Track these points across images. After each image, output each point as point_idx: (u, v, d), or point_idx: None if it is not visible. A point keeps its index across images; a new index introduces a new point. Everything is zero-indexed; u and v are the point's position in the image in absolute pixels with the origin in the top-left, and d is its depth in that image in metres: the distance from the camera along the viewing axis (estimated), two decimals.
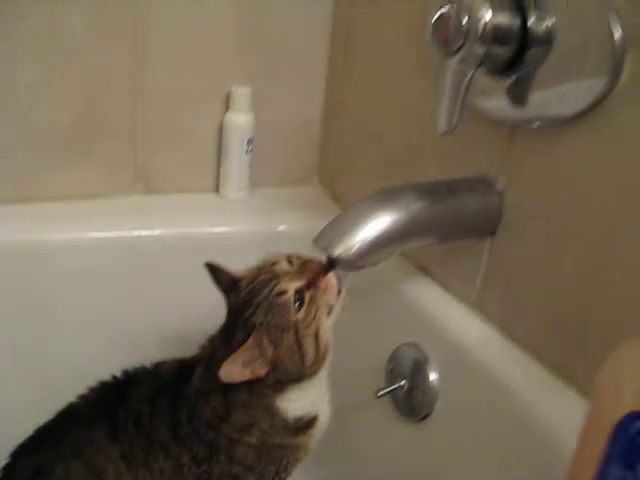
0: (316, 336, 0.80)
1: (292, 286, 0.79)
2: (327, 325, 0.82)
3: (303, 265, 0.82)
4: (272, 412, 0.84)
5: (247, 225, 1.19)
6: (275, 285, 0.80)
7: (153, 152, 1.20)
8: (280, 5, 1.18)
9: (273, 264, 0.83)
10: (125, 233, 1.14)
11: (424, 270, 1.03)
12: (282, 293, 0.79)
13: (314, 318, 0.80)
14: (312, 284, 0.80)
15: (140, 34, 1.11)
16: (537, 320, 0.86)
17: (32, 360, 1.11)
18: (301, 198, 1.28)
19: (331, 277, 0.81)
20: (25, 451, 0.90)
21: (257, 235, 1.17)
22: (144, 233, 1.15)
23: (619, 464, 0.47)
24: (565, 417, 0.79)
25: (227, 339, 0.82)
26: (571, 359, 0.82)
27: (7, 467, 0.90)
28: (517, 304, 0.89)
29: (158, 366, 0.92)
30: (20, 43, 1.04)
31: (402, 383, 0.99)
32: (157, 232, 1.15)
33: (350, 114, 1.21)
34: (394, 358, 1.01)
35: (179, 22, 1.13)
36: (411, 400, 0.98)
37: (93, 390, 0.92)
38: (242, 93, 1.17)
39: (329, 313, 0.82)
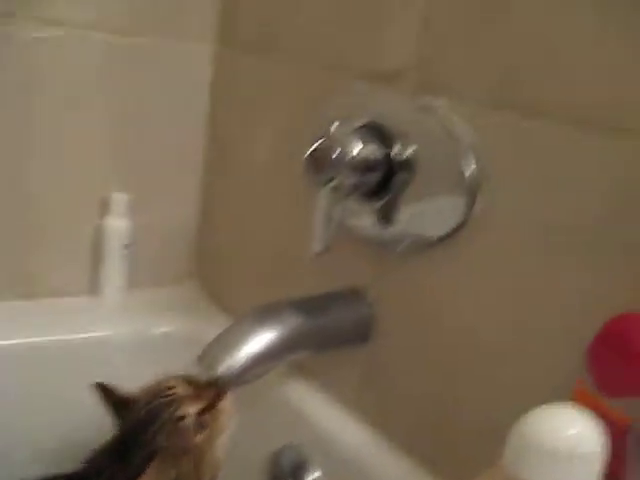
0: (214, 458, 0.83)
1: (192, 410, 0.81)
2: (223, 444, 0.84)
3: (200, 388, 0.84)
4: None
5: (126, 328, 1.20)
6: (176, 409, 0.81)
7: (28, 256, 1.19)
8: (156, 113, 1.22)
9: (171, 387, 0.84)
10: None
11: (303, 373, 1.08)
12: (183, 417, 0.80)
13: (215, 438, 0.82)
14: (211, 407, 0.82)
15: (22, 138, 1.13)
16: (410, 419, 0.92)
17: None
18: (180, 298, 1.30)
19: (228, 400, 0.83)
20: None
21: (137, 338, 1.18)
22: (18, 342, 1.12)
23: None
24: None
25: (120, 458, 0.81)
26: (443, 456, 0.88)
27: None
28: (391, 404, 0.95)
29: None
30: None
31: None
32: (33, 340, 1.13)
33: (225, 221, 1.26)
34: (275, 460, 1.04)
35: (58, 128, 1.15)
36: None
37: None
38: (120, 199, 1.20)
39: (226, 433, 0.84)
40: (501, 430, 0.54)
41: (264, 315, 0.88)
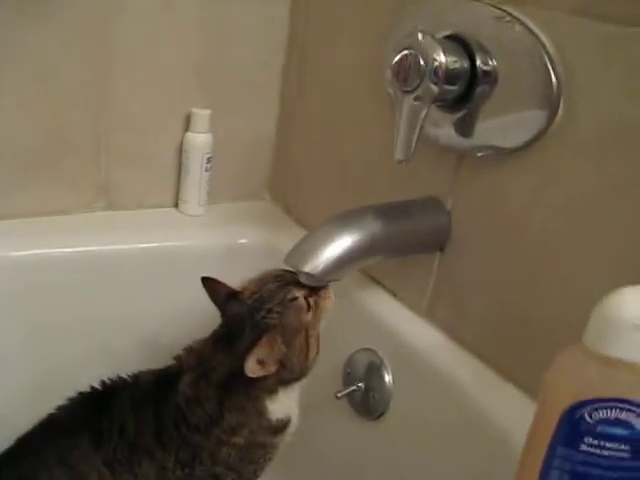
0: (317, 338, 0.91)
1: (301, 293, 0.89)
2: (321, 328, 0.92)
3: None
4: (261, 413, 0.91)
5: (209, 239, 1.26)
6: (288, 292, 0.89)
7: (115, 169, 1.25)
8: (236, 31, 1.25)
9: (277, 275, 0.92)
10: (89, 248, 1.18)
11: (376, 281, 1.12)
12: (295, 299, 0.89)
13: (319, 321, 0.91)
14: (314, 292, 0.90)
15: (105, 58, 1.16)
16: (482, 325, 0.97)
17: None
18: (257, 212, 1.35)
19: (329, 287, 0.92)
20: (8, 460, 0.94)
21: (219, 248, 1.24)
22: (107, 248, 1.19)
23: (565, 444, 0.57)
24: (508, 411, 0.89)
25: (228, 345, 0.89)
26: (513, 359, 0.93)
27: None
28: (464, 312, 0.99)
29: (136, 378, 0.97)
30: None
31: (359, 385, 1.08)
32: (120, 247, 1.20)
33: (303, 133, 1.30)
34: (350, 362, 1.10)
35: (143, 48, 1.19)
36: (367, 400, 1.07)
37: (72, 401, 0.96)
38: (201, 114, 1.24)
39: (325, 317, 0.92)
40: (576, 332, 0.58)
41: (347, 219, 0.93)
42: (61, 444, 0.91)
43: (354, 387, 1.08)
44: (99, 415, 0.92)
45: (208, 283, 0.93)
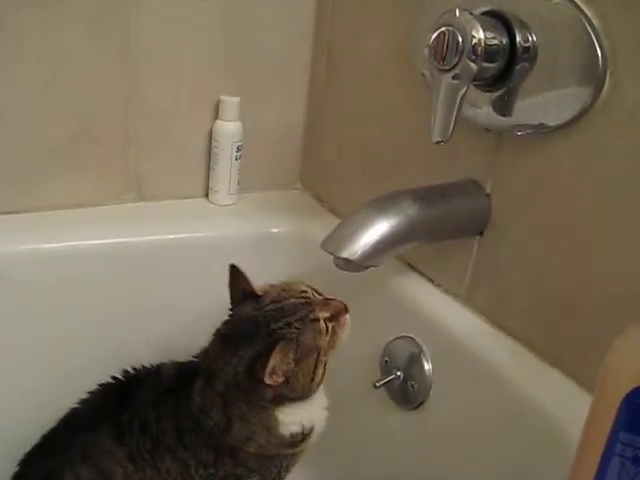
0: (325, 364, 0.88)
1: (322, 315, 0.87)
2: (333, 355, 0.90)
3: (328, 301, 0.90)
4: (269, 426, 0.88)
5: (240, 228, 1.24)
6: (312, 311, 0.87)
7: (144, 161, 1.23)
8: (263, 19, 1.23)
9: (302, 291, 0.90)
10: (119, 240, 1.17)
11: (413, 268, 1.10)
12: (317, 320, 0.87)
13: (332, 348, 0.88)
14: (334, 318, 0.88)
15: (131, 48, 1.15)
16: (525, 311, 0.94)
17: (28, 365, 1.12)
18: (288, 201, 1.33)
19: (348, 317, 0.90)
20: (34, 458, 0.94)
21: (250, 238, 1.23)
22: (138, 240, 1.18)
23: (627, 430, 0.55)
24: (554, 398, 0.87)
25: (233, 346, 0.87)
26: (558, 345, 0.90)
27: (17, 475, 0.94)
28: (505, 297, 0.96)
29: (159, 368, 0.96)
30: (16, 59, 1.07)
31: (398, 374, 1.06)
32: (151, 238, 1.19)
33: (333, 120, 1.27)
34: (388, 351, 1.08)
35: (169, 36, 1.17)
36: (406, 390, 1.05)
37: (94, 394, 0.96)
38: (231, 102, 1.22)
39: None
40: (627, 312, 0.56)
41: (384, 203, 0.90)
42: (84, 440, 0.91)
43: (392, 376, 1.06)
44: (121, 407, 0.92)
45: (233, 273, 0.91)
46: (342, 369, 1.12)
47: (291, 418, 0.90)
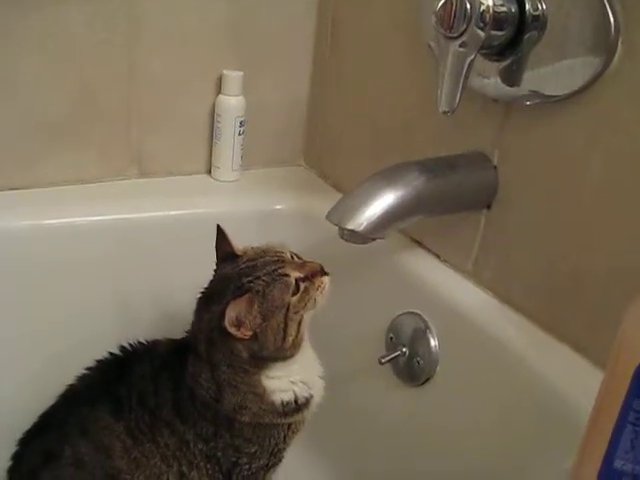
0: (299, 324, 0.86)
1: (294, 274, 0.85)
2: (307, 318, 0.88)
3: (304, 262, 0.89)
4: (257, 393, 0.87)
5: (243, 205, 1.23)
6: (280, 267, 0.86)
7: (146, 136, 1.22)
8: None
9: (278, 252, 0.89)
10: (120, 216, 1.15)
11: (418, 243, 1.09)
12: (285, 275, 0.85)
13: (303, 307, 0.86)
14: (309, 279, 0.86)
15: (134, 22, 1.13)
16: (532, 284, 0.93)
17: (30, 342, 1.11)
18: (292, 178, 1.32)
19: (327, 280, 0.87)
20: (32, 437, 0.93)
21: (253, 215, 1.21)
22: (139, 216, 1.16)
23: None
24: (563, 373, 0.86)
25: (209, 304, 0.87)
26: (566, 319, 0.89)
27: (16, 455, 0.93)
28: (513, 271, 0.95)
29: (155, 343, 0.96)
30: (19, 35, 1.06)
31: (403, 350, 1.04)
32: (152, 215, 1.17)
33: (337, 95, 1.26)
34: (394, 327, 1.07)
35: (171, 10, 1.15)
36: (412, 366, 1.04)
37: (91, 369, 0.95)
38: (234, 76, 1.20)
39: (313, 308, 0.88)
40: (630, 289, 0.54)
41: (391, 175, 0.89)
42: (82, 415, 0.90)
43: (398, 352, 1.05)
44: (118, 382, 0.91)
45: (219, 235, 0.92)
46: (347, 345, 1.11)
47: (278, 385, 0.89)
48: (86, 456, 0.87)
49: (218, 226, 0.92)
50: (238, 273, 0.86)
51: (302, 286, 0.86)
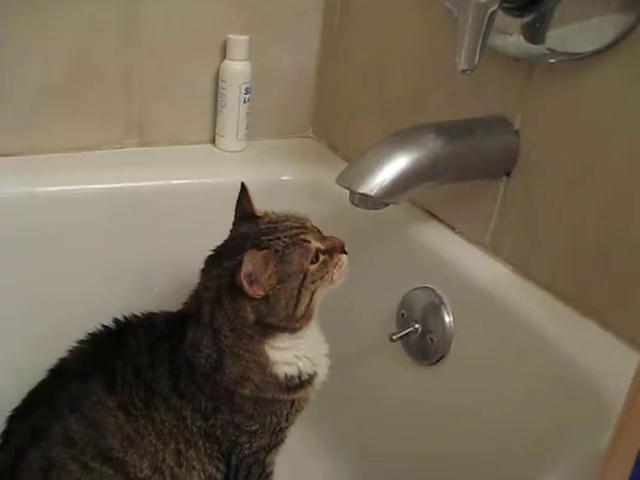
0: (312, 295, 0.82)
1: (315, 243, 0.82)
2: (322, 293, 0.84)
3: (326, 236, 0.85)
4: (260, 363, 0.84)
5: (248, 175, 1.15)
6: (302, 233, 0.83)
7: (148, 103, 1.17)
8: None
9: (301, 219, 0.85)
10: (119, 185, 1.11)
11: (432, 215, 1.04)
12: (306, 241, 0.82)
13: (320, 278, 0.82)
14: (329, 253, 0.83)
15: None
16: (556, 258, 0.88)
17: (28, 313, 1.08)
18: (300, 148, 1.27)
19: (345, 258, 0.84)
20: (20, 414, 0.89)
21: (259, 186, 1.15)
22: (139, 185, 1.12)
23: None
24: (589, 351, 0.81)
25: (221, 261, 0.84)
26: (591, 292, 0.84)
27: (5, 433, 0.89)
28: (534, 243, 0.90)
29: (151, 315, 0.92)
30: None
31: (416, 327, 0.99)
32: (152, 183, 1.13)
33: (347, 61, 1.20)
34: (405, 302, 1.02)
35: None
36: (424, 343, 0.99)
37: (84, 342, 0.91)
38: (239, 40, 1.15)
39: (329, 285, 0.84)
40: None
41: (405, 137, 0.84)
42: (73, 391, 0.86)
43: (410, 329, 1.00)
44: (113, 354, 0.87)
45: (242, 192, 0.88)
46: (356, 321, 1.07)
47: (283, 356, 0.85)
48: (76, 433, 0.83)
49: (242, 184, 0.89)
50: (257, 232, 0.83)
51: (321, 257, 0.82)
